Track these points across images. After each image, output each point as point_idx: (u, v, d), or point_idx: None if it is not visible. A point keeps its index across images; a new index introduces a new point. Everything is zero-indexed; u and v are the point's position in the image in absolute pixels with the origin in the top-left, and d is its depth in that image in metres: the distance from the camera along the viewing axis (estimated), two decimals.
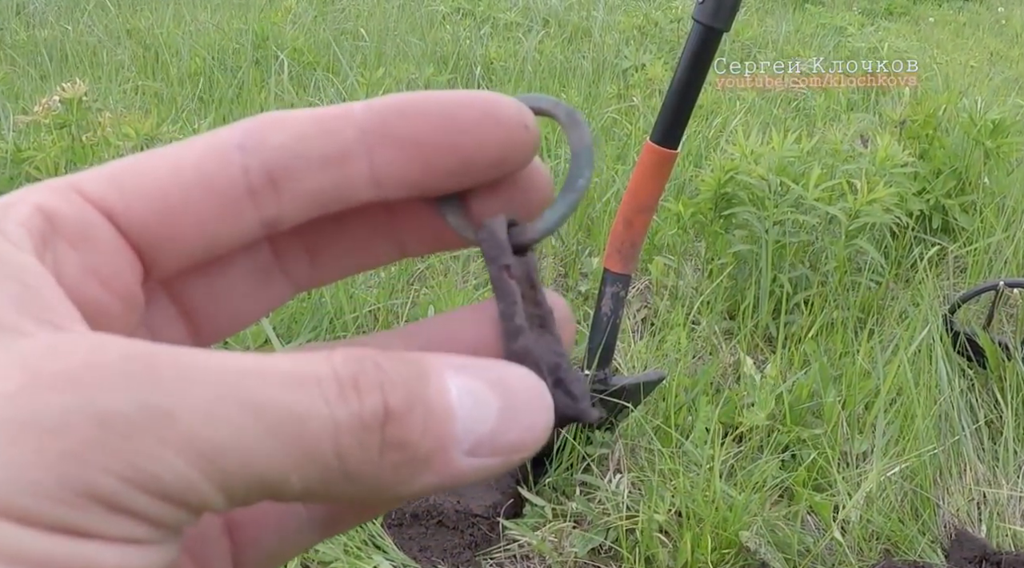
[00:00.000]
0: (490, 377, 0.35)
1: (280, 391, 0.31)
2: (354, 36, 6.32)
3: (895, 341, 3.12)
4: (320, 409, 0.31)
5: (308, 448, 0.31)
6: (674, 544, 2.38)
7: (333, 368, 0.32)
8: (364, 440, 0.32)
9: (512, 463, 0.35)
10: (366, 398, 0.32)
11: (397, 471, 0.33)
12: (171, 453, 0.29)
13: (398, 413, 0.32)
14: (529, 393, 0.36)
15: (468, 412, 0.34)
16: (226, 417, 0.30)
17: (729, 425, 2.80)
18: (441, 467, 0.33)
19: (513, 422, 0.35)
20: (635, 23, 7.24)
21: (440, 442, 0.33)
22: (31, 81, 5.10)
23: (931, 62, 6.94)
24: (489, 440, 0.34)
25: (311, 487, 0.32)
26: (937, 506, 2.60)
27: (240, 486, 0.30)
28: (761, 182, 3.38)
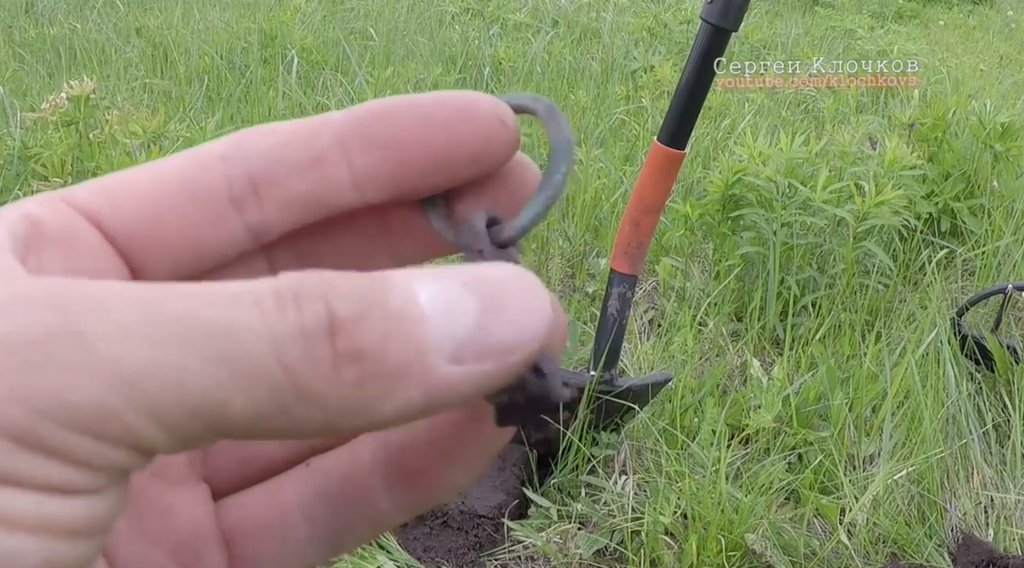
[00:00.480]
0: (464, 277, 0.32)
1: (207, 306, 0.29)
2: (363, 36, 6.32)
3: (903, 344, 3.11)
4: (253, 320, 0.29)
5: (245, 365, 0.28)
6: (680, 546, 2.37)
7: (272, 283, 0.30)
8: (311, 352, 0.29)
9: (510, 367, 0.32)
10: (307, 306, 0.30)
11: (362, 387, 0.30)
12: (85, 377, 0.27)
13: (348, 320, 0.30)
14: (515, 282, 0.32)
15: (440, 313, 0.31)
16: (145, 335, 0.28)
17: (736, 427, 2.79)
18: (420, 377, 0.30)
19: (499, 317, 0.31)
20: (644, 24, 7.25)
21: (411, 348, 0.30)
22: (39, 79, 5.11)
23: (941, 65, 6.93)
24: (473, 340, 0.31)
25: (261, 411, 0.29)
26: (944, 510, 2.60)
27: (176, 415, 0.28)
28: (769, 184, 3.37)
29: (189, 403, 0.28)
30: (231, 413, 0.29)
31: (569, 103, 5.33)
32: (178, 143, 3.67)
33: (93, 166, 3.36)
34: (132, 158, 3.37)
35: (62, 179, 3.29)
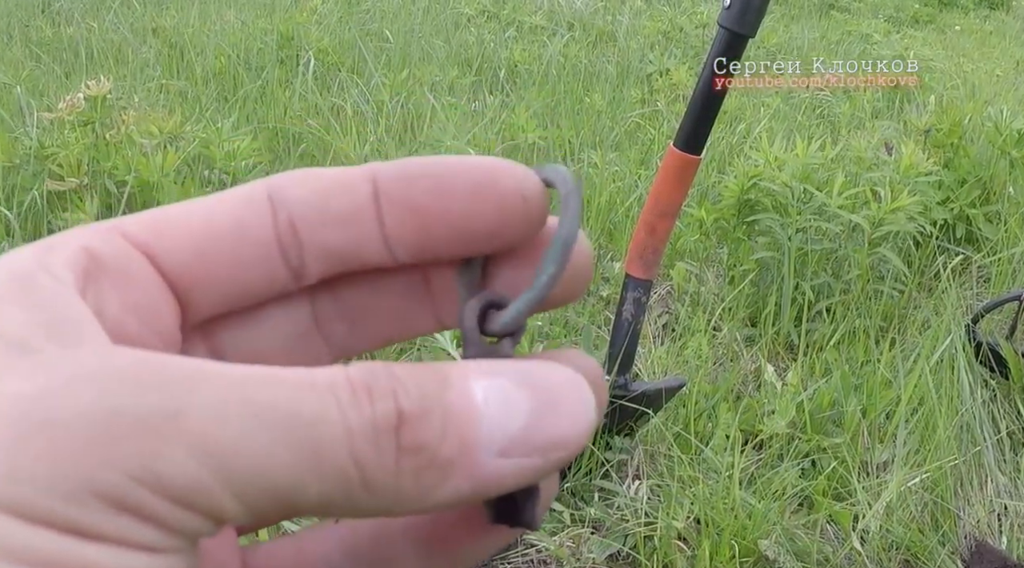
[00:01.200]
0: (520, 375, 0.34)
1: (290, 394, 0.31)
2: (379, 37, 6.33)
3: (917, 350, 3.10)
4: (331, 412, 0.31)
5: (322, 453, 0.30)
6: (692, 551, 2.37)
7: (346, 375, 0.32)
8: (379, 445, 0.31)
9: (554, 463, 0.33)
10: (378, 402, 0.31)
11: (418, 478, 0.32)
12: (180, 451, 0.29)
13: (412, 416, 0.32)
14: (566, 385, 0.34)
15: (495, 411, 0.33)
16: (235, 416, 0.30)
17: (749, 433, 2.79)
18: (468, 470, 0.32)
19: (549, 417, 0.33)
20: (660, 28, 7.24)
21: (463, 443, 0.32)
22: (56, 78, 5.11)
23: (957, 71, 6.92)
24: (523, 438, 0.33)
25: (330, 497, 0.31)
26: (958, 517, 2.59)
27: (254, 492, 0.30)
28: (784, 189, 3.37)
29: (270, 485, 0.30)
30: (305, 497, 0.31)
31: (584, 106, 5.33)
32: (194, 143, 3.68)
33: (109, 166, 3.36)
34: (148, 158, 3.38)
35: (78, 179, 3.30)
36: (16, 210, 3.24)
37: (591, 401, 0.34)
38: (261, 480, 0.30)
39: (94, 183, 3.35)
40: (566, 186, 0.38)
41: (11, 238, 3.11)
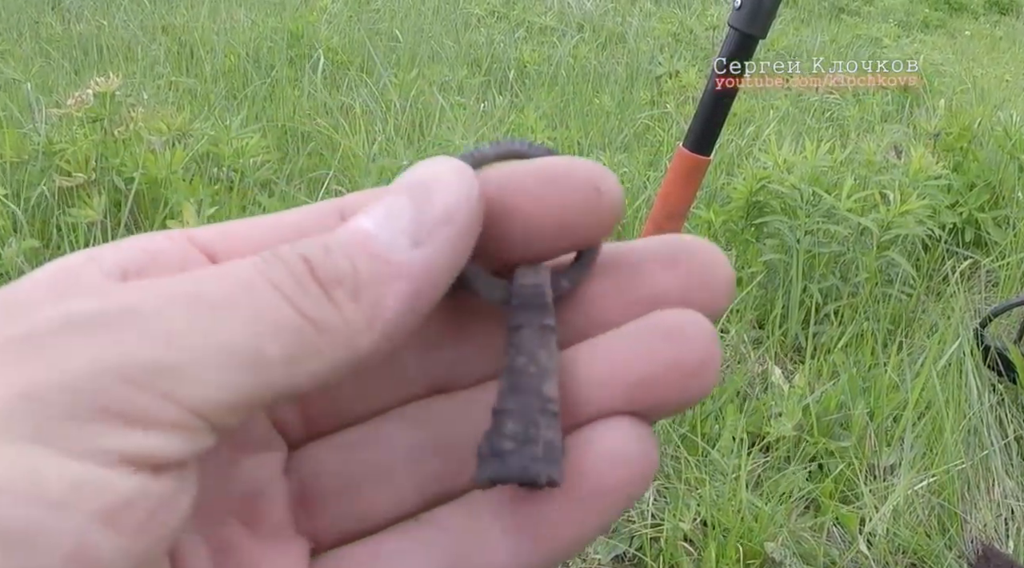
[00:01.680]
0: (391, 188, 0.38)
1: (219, 274, 0.34)
2: (388, 37, 6.32)
3: (925, 354, 3.09)
4: (256, 277, 0.34)
5: (264, 311, 0.33)
6: (699, 553, 2.37)
7: (255, 255, 0.35)
8: (305, 288, 0.34)
9: (462, 225, 0.37)
10: (285, 257, 0.35)
11: (359, 302, 0.35)
12: (137, 338, 0.32)
13: (316, 257, 0.35)
14: (429, 167, 0.38)
15: (384, 222, 0.36)
16: (184, 306, 0.33)
17: (756, 435, 2.78)
18: (397, 271, 0.35)
19: (430, 195, 0.37)
20: (670, 30, 7.24)
21: (373, 256, 0.36)
22: (65, 75, 5.11)
23: (966, 75, 6.91)
24: (419, 222, 0.36)
25: (294, 353, 0.33)
26: (964, 521, 2.59)
27: (220, 364, 0.32)
28: (793, 191, 3.36)
29: (231, 352, 0.32)
30: (269, 359, 0.33)
31: (593, 107, 5.32)
32: (202, 141, 3.68)
33: (117, 163, 3.36)
34: (156, 155, 3.38)
35: (86, 175, 3.30)
36: (24, 206, 3.24)
37: (456, 165, 0.38)
38: (221, 349, 0.32)
39: (102, 180, 3.35)
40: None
41: (18, 234, 3.11)
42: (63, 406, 0.29)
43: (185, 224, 3.10)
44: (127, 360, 0.31)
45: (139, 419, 0.30)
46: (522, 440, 0.36)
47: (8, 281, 2.42)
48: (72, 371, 0.30)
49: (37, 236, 3.24)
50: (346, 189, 3.89)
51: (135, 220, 3.36)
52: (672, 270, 0.40)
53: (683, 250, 0.40)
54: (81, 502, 0.29)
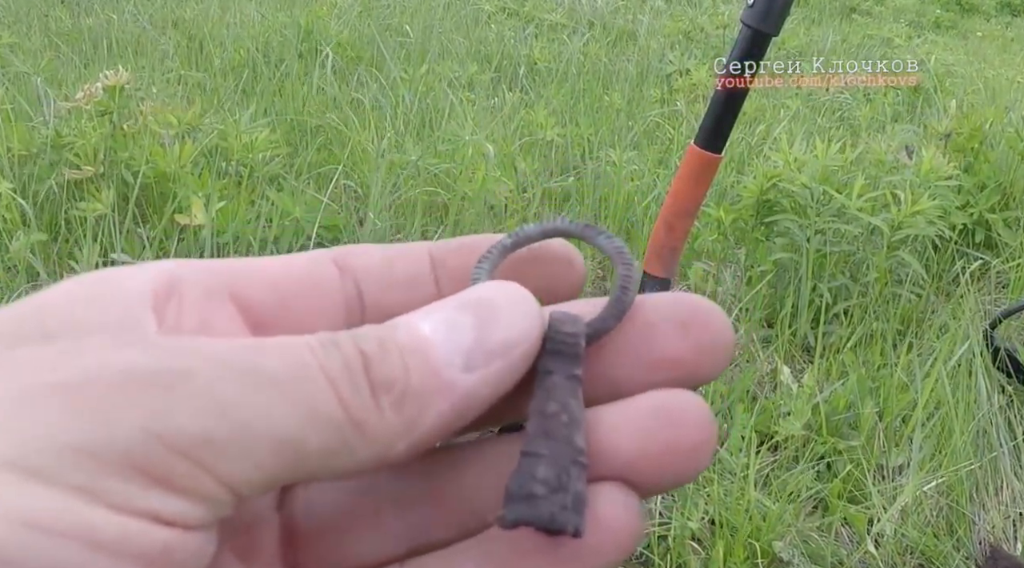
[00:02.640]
0: (456, 302, 0.38)
1: (277, 351, 0.35)
2: (398, 32, 6.33)
3: (934, 355, 3.09)
4: (310, 362, 0.34)
5: (311, 401, 0.34)
6: (707, 552, 2.36)
7: (314, 336, 0.36)
8: (355, 385, 0.35)
9: (516, 362, 0.37)
10: (343, 347, 0.35)
11: (400, 410, 0.35)
12: (192, 404, 0.32)
13: (374, 355, 0.35)
14: (499, 293, 0.39)
15: (444, 336, 0.37)
16: (237, 373, 0.33)
17: (765, 434, 2.78)
18: (444, 391, 0.36)
19: (493, 323, 0.37)
20: (681, 28, 7.25)
21: (428, 369, 0.36)
22: (74, 68, 5.12)
23: (978, 76, 6.90)
24: (477, 348, 0.37)
25: (330, 446, 0.34)
26: (973, 522, 2.58)
27: (261, 446, 0.33)
28: (804, 190, 3.36)
29: (274, 436, 0.33)
30: (308, 450, 0.34)
31: (603, 105, 5.32)
32: (211, 135, 3.68)
33: (126, 156, 3.36)
34: (165, 149, 3.38)
35: (94, 168, 3.30)
36: (33, 200, 3.24)
37: (527, 296, 0.39)
38: (267, 433, 0.33)
39: (110, 173, 3.35)
40: (619, 255, 0.43)
41: (27, 227, 3.11)
42: (111, 464, 0.31)
43: (193, 218, 3.10)
44: (176, 429, 0.32)
45: (177, 486, 0.32)
46: (554, 487, 0.37)
47: (16, 274, 2.41)
48: (124, 432, 0.31)
49: (45, 229, 3.24)
50: (355, 184, 3.89)
51: (143, 214, 3.36)
52: (684, 334, 0.40)
53: (695, 314, 0.41)
54: (129, 549, 0.31)
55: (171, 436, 0.32)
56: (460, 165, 3.95)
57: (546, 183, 4.10)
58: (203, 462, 0.32)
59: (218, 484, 0.32)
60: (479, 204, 3.77)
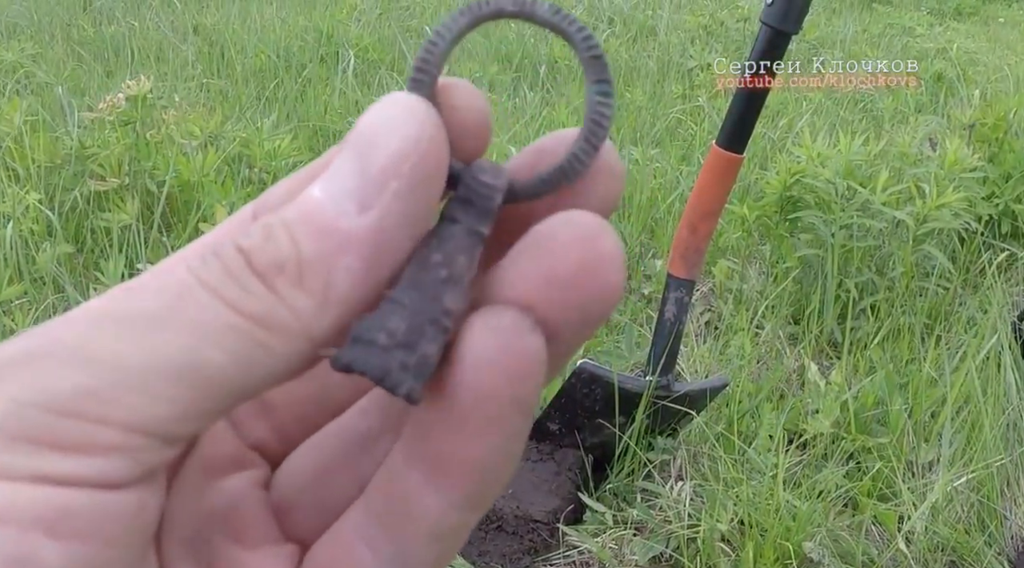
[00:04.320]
0: (340, 147, 0.35)
1: (148, 288, 0.33)
2: (418, 34, 6.33)
3: (963, 348, 3.08)
4: (185, 279, 0.33)
5: (198, 318, 0.32)
6: (736, 554, 2.36)
7: (193, 253, 0.35)
8: (241, 283, 0.33)
9: (412, 179, 0.34)
10: (221, 251, 0.33)
11: (303, 286, 0.33)
12: (60, 366, 0.31)
13: (253, 246, 0.33)
14: (374, 114, 0.35)
15: (331, 187, 0.34)
16: (108, 322, 0.32)
17: (793, 432, 2.77)
18: (345, 244, 0.33)
19: (374, 149, 0.34)
20: (701, 22, 7.22)
21: (318, 229, 0.33)
22: (97, 77, 5.13)
23: (1002, 63, 6.86)
24: (364, 182, 0.34)
25: (243, 356, 0.32)
26: (1004, 518, 2.57)
27: (158, 381, 0.31)
28: (828, 185, 3.34)
29: (169, 367, 0.31)
30: (214, 366, 0.32)
31: (625, 102, 5.31)
32: (234, 143, 3.68)
33: (150, 166, 3.37)
34: (188, 158, 3.39)
35: (119, 179, 3.31)
36: (58, 210, 3.25)
37: (403, 103, 0.35)
38: (157, 365, 0.31)
39: (135, 183, 3.36)
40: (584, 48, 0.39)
41: (52, 238, 3.12)
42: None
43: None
44: (46, 391, 0.30)
45: (72, 444, 0.30)
46: (399, 342, 0.34)
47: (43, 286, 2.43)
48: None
49: (71, 240, 3.25)
50: None
51: (167, 223, 3.37)
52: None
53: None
54: (17, 514, 0.29)
55: (45, 400, 0.30)
56: None
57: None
58: (90, 415, 0.30)
59: (122, 431, 0.31)
60: None
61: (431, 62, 0.38)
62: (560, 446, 2.61)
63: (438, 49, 0.38)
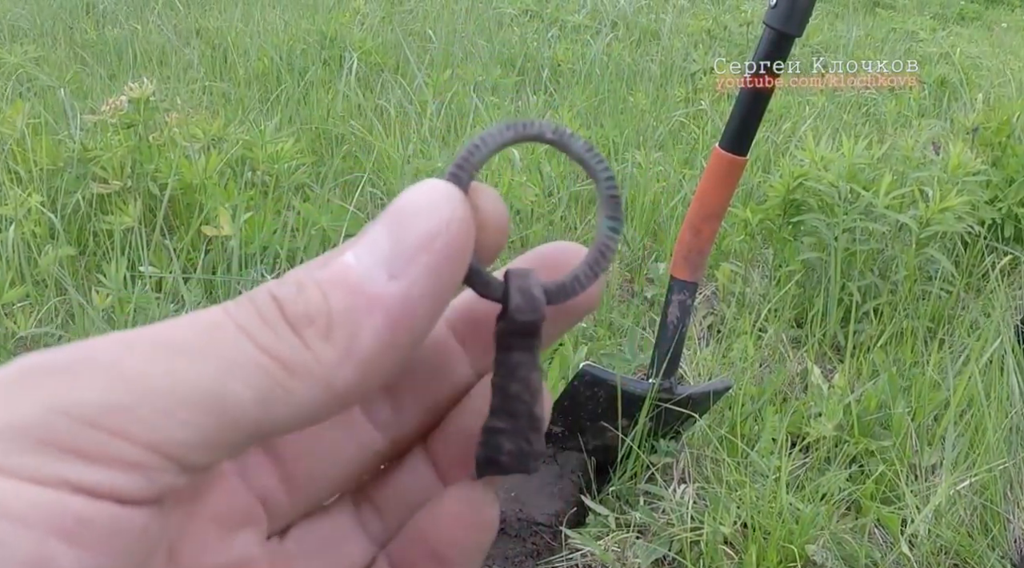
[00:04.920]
0: (377, 219, 0.38)
1: (185, 324, 0.35)
2: (421, 38, 6.33)
3: (966, 352, 3.07)
4: (221, 318, 0.35)
5: (229, 355, 0.34)
6: (739, 557, 2.35)
7: (231, 300, 0.36)
8: (274, 329, 0.35)
9: (441, 256, 0.37)
10: (257, 297, 0.36)
11: (329, 339, 0.35)
12: (95, 380, 0.32)
13: (288, 296, 0.36)
14: (411, 194, 0.38)
15: (365, 253, 0.37)
16: (141, 348, 0.33)
17: (796, 435, 2.77)
18: (373, 306, 0.36)
19: (406, 224, 0.37)
20: (704, 26, 7.24)
21: (349, 290, 0.36)
22: (99, 80, 5.13)
23: (1004, 68, 6.87)
24: (397, 252, 0.36)
25: (266, 395, 0.34)
26: (1007, 521, 2.56)
27: (184, 408, 0.33)
28: (831, 189, 3.34)
29: (196, 396, 0.33)
30: (237, 400, 0.34)
31: (628, 106, 5.32)
32: (237, 146, 3.68)
33: (152, 169, 3.37)
34: (191, 161, 3.39)
35: (121, 181, 3.31)
36: (60, 213, 3.25)
37: (437, 188, 0.38)
38: (183, 391, 0.33)
39: (137, 186, 3.36)
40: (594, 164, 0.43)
41: (55, 241, 3.12)
42: (16, 442, 0.31)
43: (220, 229, 3.11)
44: (78, 401, 0.32)
45: (95, 455, 0.31)
46: (516, 455, 0.41)
47: (45, 288, 2.42)
48: (24, 412, 0.31)
49: (73, 243, 3.25)
50: (380, 191, 3.89)
51: (170, 226, 3.37)
52: None
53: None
54: (39, 518, 0.30)
55: (76, 409, 0.31)
56: (486, 171, 3.94)
57: (572, 187, 4.09)
58: (115, 429, 0.32)
59: (142, 449, 0.32)
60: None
61: (471, 162, 0.41)
62: (563, 449, 2.60)
63: (479, 153, 0.41)
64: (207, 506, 0.40)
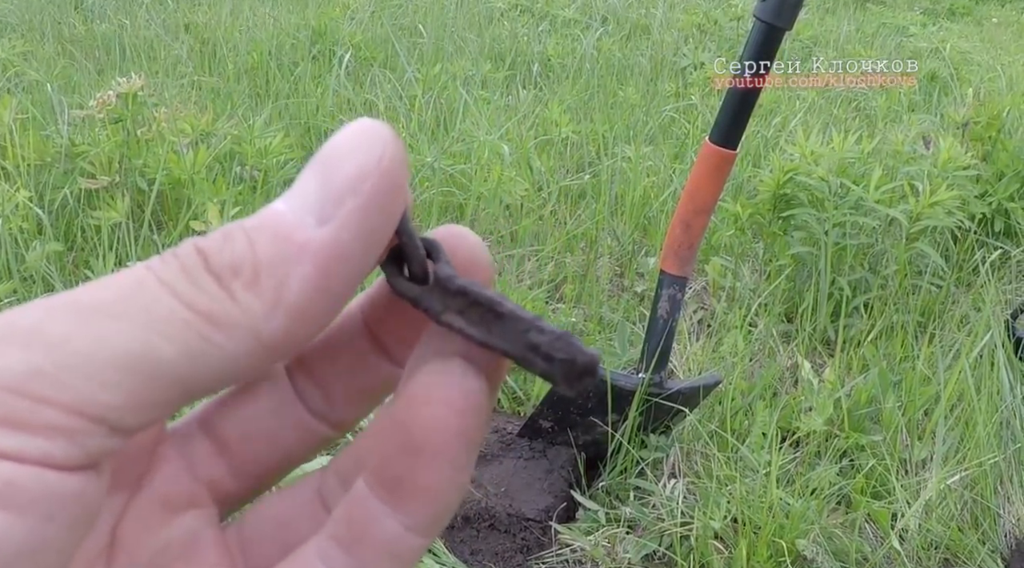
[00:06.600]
0: (306, 166, 0.37)
1: (106, 282, 0.34)
2: (411, 32, 6.33)
3: (956, 346, 3.08)
4: (143, 275, 0.34)
5: (151, 310, 0.33)
6: (730, 551, 2.35)
7: (156, 256, 0.35)
8: (196, 281, 0.34)
9: (371, 194, 0.35)
10: (180, 252, 0.35)
11: (255, 289, 0.34)
12: (13, 347, 0.32)
13: (213, 247, 0.35)
14: (340, 137, 0.36)
15: (293, 200, 0.36)
16: (63, 311, 0.33)
17: (786, 430, 2.77)
18: (299, 252, 0.34)
19: (336, 167, 0.35)
20: (695, 21, 7.24)
21: (276, 236, 0.35)
22: (88, 75, 5.12)
23: (995, 63, 6.87)
24: (325, 196, 0.35)
25: (192, 351, 0.33)
26: (998, 515, 2.56)
27: (107, 369, 0.32)
28: (821, 183, 3.34)
29: (119, 356, 0.32)
30: (162, 358, 0.33)
31: (618, 100, 5.32)
32: (225, 141, 3.67)
33: (140, 164, 3.36)
34: (179, 156, 3.38)
35: (109, 177, 3.30)
36: (48, 208, 3.23)
37: (366, 130, 0.36)
38: (106, 352, 0.32)
39: (125, 181, 3.35)
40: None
41: (42, 236, 3.11)
42: None
43: (209, 225, 3.10)
44: (1, 370, 0.31)
45: (20, 422, 0.31)
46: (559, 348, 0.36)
47: (33, 284, 2.41)
48: None
49: (61, 239, 3.24)
50: None
51: (158, 221, 3.36)
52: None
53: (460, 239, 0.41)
54: None
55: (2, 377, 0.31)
56: (475, 165, 3.94)
57: (562, 181, 4.09)
58: (39, 395, 0.31)
59: (68, 414, 0.32)
60: (495, 204, 3.77)
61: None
62: (553, 444, 2.60)
63: None
64: (150, 489, 0.40)
